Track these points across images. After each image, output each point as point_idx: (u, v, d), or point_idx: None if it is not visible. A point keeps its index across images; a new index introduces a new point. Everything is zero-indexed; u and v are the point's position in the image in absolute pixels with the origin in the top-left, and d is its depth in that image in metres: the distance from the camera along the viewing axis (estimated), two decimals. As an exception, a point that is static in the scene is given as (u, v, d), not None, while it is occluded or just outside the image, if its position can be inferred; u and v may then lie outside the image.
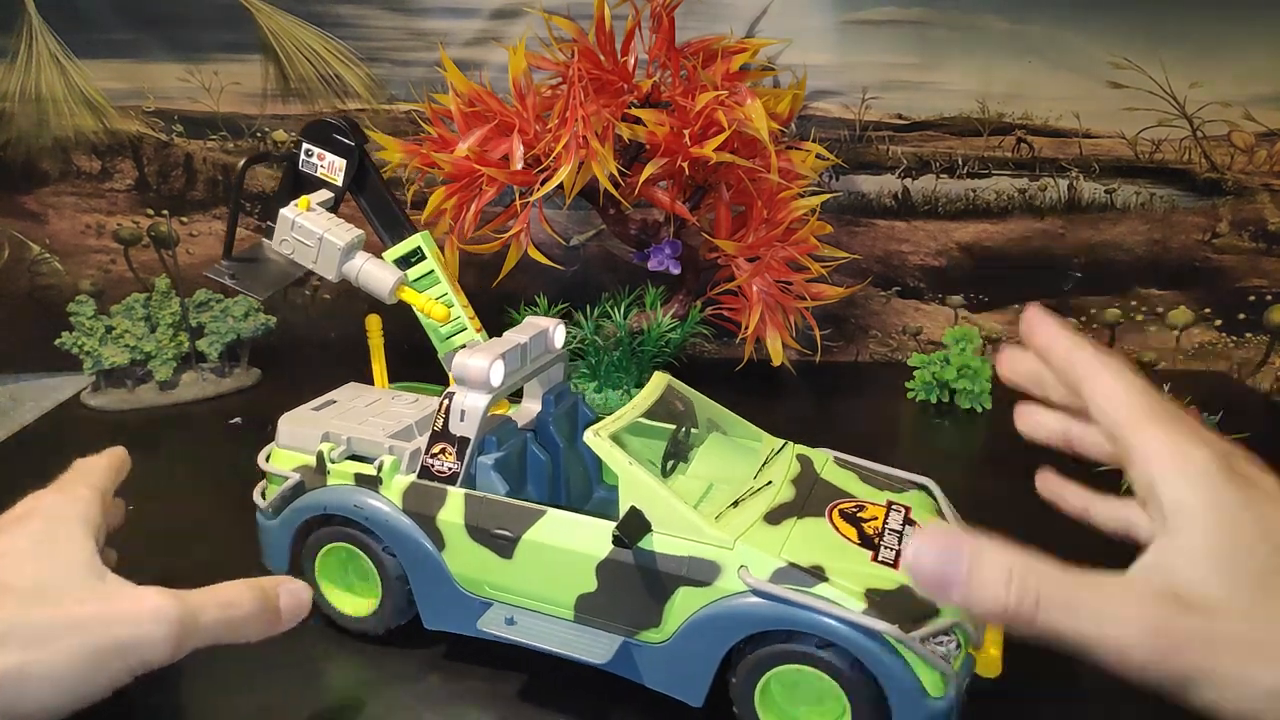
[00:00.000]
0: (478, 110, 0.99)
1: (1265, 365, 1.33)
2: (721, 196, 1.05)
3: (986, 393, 1.17)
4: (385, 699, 0.65)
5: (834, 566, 0.56)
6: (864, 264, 1.30)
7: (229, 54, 1.24)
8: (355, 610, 0.70)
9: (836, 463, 0.71)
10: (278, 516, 0.71)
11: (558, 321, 0.76)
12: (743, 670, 0.58)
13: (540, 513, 0.63)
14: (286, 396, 0.77)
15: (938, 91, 1.24)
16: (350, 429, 0.71)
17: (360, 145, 0.87)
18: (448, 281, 0.87)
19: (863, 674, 0.54)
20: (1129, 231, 1.29)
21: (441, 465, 0.66)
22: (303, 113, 1.26)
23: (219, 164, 1.30)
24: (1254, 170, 1.25)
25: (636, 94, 0.99)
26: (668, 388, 0.71)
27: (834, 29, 1.21)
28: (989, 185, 1.28)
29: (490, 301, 1.10)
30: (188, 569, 0.80)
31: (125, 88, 1.25)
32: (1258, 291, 1.30)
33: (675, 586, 0.58)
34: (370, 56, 1.24)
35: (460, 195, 0.98)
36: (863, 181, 1.28)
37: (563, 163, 0.92)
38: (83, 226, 1.32)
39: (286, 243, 0.84)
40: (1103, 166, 1.26)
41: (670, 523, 0.59)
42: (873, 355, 1.36)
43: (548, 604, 0.63)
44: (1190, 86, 1.21)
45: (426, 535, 0.66)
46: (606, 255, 1.31)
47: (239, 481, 0.77)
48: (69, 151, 1.28)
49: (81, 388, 1.19)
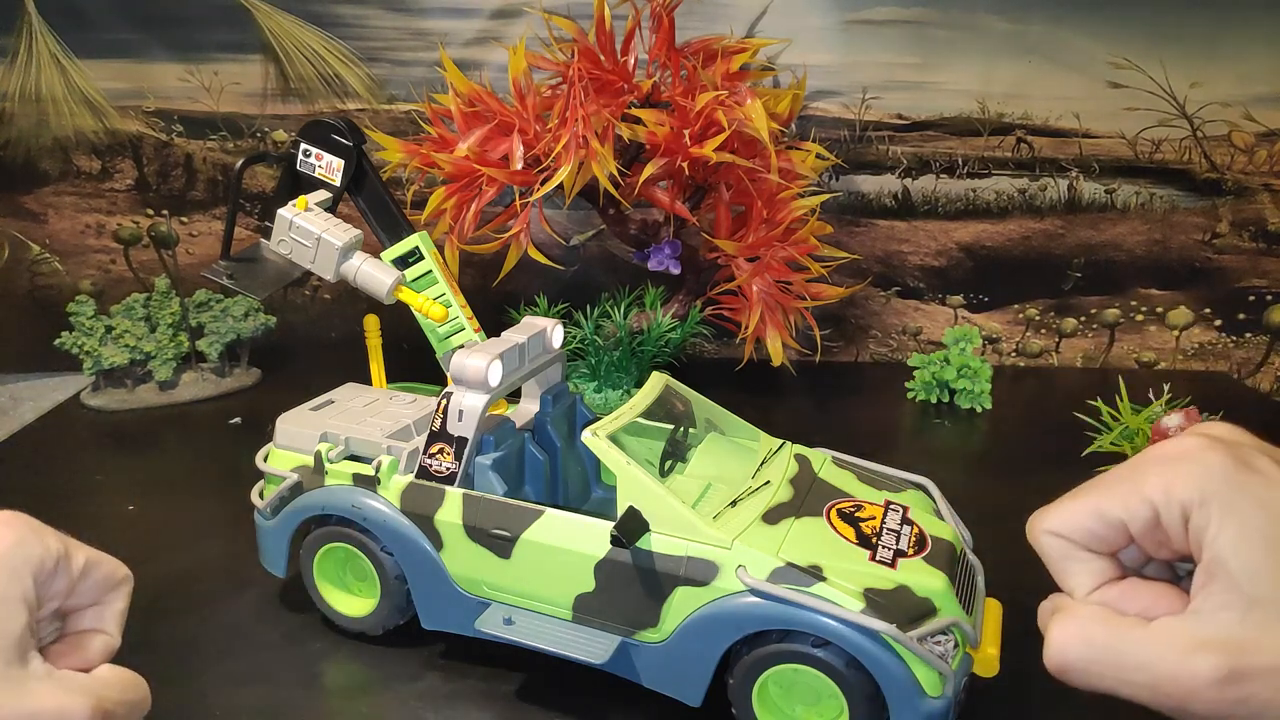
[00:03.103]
0: (478, 110, 0.99)
1: (1265, 365, 1.33)
2: (721, 196, 1.05)
3: (986, 393, 1.17)
4: (384, 699, 0.65)
5: (832, 566, 0.56)
6: (864, 264, 1.30)
7: (229, 54, 1.24)
8: (353, 610, 0.70)
9: (834, 462, 0.71)
10: (276, 517, 0.71)
11: (555, 321, 0.76)
12: (740, 670, 0.57)
13: (538, 513, 0.62)
14: (286, 396, 0.77)
15: (938, 91, 1.24)
16: (348, 429, 0.71)
17: (358, 145, 0.87)
18: (446, 281, 0.87)
19: (860, 673, 0.54)
20: (1129, 231, 1.29)
21: (439, 465, 0.66)
22: (303, 113, 1.26)
23: (219, 164, 1.30)
24: (1254, 170, 1.25)
25: (636, 94, 0.98)
26: (666, 388, 0.71)
27: (834, 29, 1.21)
28: (989, 185, 1.28)
29: (490, 301, 1.11)
30: (188, 569, 0.80)
31: (125, 88, 1.25)
32: (1258, 291, 1.30)
33: (673, 586, 0.58)
34: (370, 56, 1.24)
35: (460, 195, 0.98)
36: (863, 181, 1.28)
37: (563, 163, 0.92)
38: (83, 226, 1.32)
39: (284, 243, 0.84)
40: (1103, 166, 1.26)
41: (668, 522, 0.59)
42: (873, 355, 1.36)
43: (546, 604, 0.63)
44: (1190, 86, 1.21)
45: (424, 535, 0.66)
46: (606, 255, 1.31)
47: (239, 481, 0.77)
48: (69, 151, 1.28)
49: (81, 388, 1.19)
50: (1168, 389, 1.02)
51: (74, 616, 0.41)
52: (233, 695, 0.65)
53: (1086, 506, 0.35)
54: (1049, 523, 0.36)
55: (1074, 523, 0.35)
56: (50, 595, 0.39)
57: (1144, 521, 0.34)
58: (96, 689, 0.38)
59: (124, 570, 0.42)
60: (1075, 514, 0.35)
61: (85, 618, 0.41)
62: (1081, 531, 0.35)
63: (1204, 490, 0.32)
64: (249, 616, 0.74)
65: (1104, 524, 0.35)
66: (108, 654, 0.41)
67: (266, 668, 0.68)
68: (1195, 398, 1.01)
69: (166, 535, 0.86)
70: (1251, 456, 0.33)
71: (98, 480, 0.97)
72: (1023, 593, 0.42)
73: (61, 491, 0.94)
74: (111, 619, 0.41)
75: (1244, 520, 0.32)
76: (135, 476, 0.99)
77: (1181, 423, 0.89)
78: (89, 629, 0.41)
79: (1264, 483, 0.32)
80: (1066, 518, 0.36)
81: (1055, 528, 0.36)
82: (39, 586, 0.38)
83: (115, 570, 0.42)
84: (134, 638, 0.71)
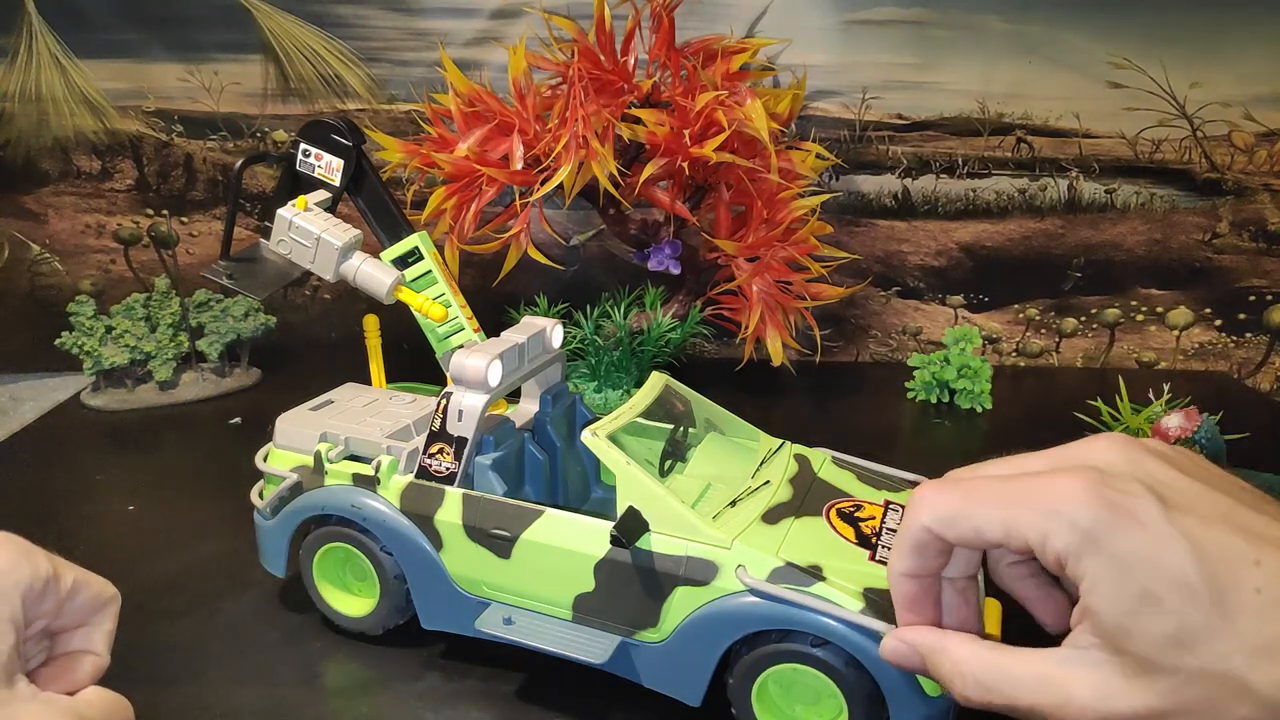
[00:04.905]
0: (478, 110, 0.99)
1: (1265, 365, 1.33)
2: (721, 196, 1.05)
3: (986, 393, 1.17)
4: (384, 699, 0.65)
5: (831, 566, 0.56)
6: (864, 264, 1.30)
7: (229, 54, 1.24)
8: (353, 610, 0.70)
9: (834, 462, 0.71)
10: (275, 517, 0.71)
11: (555, 321, 0.76)
12: (740, 670, 0.57)
13: (538, 513, 0.62)
14: (286, 396, 0.77)
15: (938, 91, 1.24)
16: (348, 429, 0.71)
17: (358, 145, 0.87)
18: (445, 281, 0.87)
19: (860, 673, 0.54)
20: (1129, 231, 1.29)
21: (439, 465, 0.66)
22: (303, 113, 1.26)
23: (219, 164, 1.30)
24: (1254, 170, 1.25)
25: (636, 94, 0.98)
26: (665, 388, 0.71)
27: (834, 29, 1.21)
28: (989, 185, 1.28)
29: (490, 301, 1.11)
30: (188, 569, 0.80)
31: (125, 88, 1.25)
32: (1258, 291, 1.30)
33: (673, 586, 0.58)
34: (370, 56, 1.24)
35: (460, 195, 0.98)
36: (863, 181, 1.28)
37: (563, 163, 0.92)
38: (83, 226, 1.32)
39: (284, 243, 0.84)
40: (1103, 166, 1.26)
41: (668, 522, 0.59)
42: (873, 355, 1.36)
43: (545, 604, 0.63)
44: (1190, 86, 1.21)
45: (424, 535, 0.66)
46: (606, 255, 1.31)
47: (239, 481, 0.77)
48: (69, 151, 1.28)
49: (81, 388, 1.19)
50: (1168, 389, 1.02)
51: (63, 637, 0.41)
52: (233, 695, 0.65)
53: (969, 521, 0.36)
54: (931, 512, 0.37)
55: (952, 527, 0.37)
56: (38, 615, 0.39)
57: (1017, 549, 0.36)
58: (80, 710, 0.38)
59: (111, 590, 0.43)
60: (956, 521, 0.37)
61: (74, 638, 0.41)
62: (954, 531, 0.37)
63: (1076, 545, 0.33)
64: (249, 616, 0.74)
65: (978, 540, 0.37)
66: (96, 674, 0.41)
67: (266, 668, 0.68)
68: (1195, 398, 1.01)
69: (166, 535, 0.86)
70: (1125, 498, 0.33)
71: (98, 480, 0.97)
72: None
73: (61, 491, 0.94)
74: (100, 639, 0.42)
75: (1114, 579, 0.32)
76: (135, 476, 0.99)
77: (1182, 423, 0.89)
78: (77, 650, 0.41)
79: (1139, 532, 0.32)
80: (944, 515, 0.37)
81: (931, 522, 0.37)
82: (27, 607, 0.38)
83: (103, 590, 0.42)
84: (134, 638, 0.71)
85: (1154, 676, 0.32)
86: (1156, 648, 0.31)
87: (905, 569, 0.39)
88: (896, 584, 0.40)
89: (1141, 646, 0.32)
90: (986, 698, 0.36)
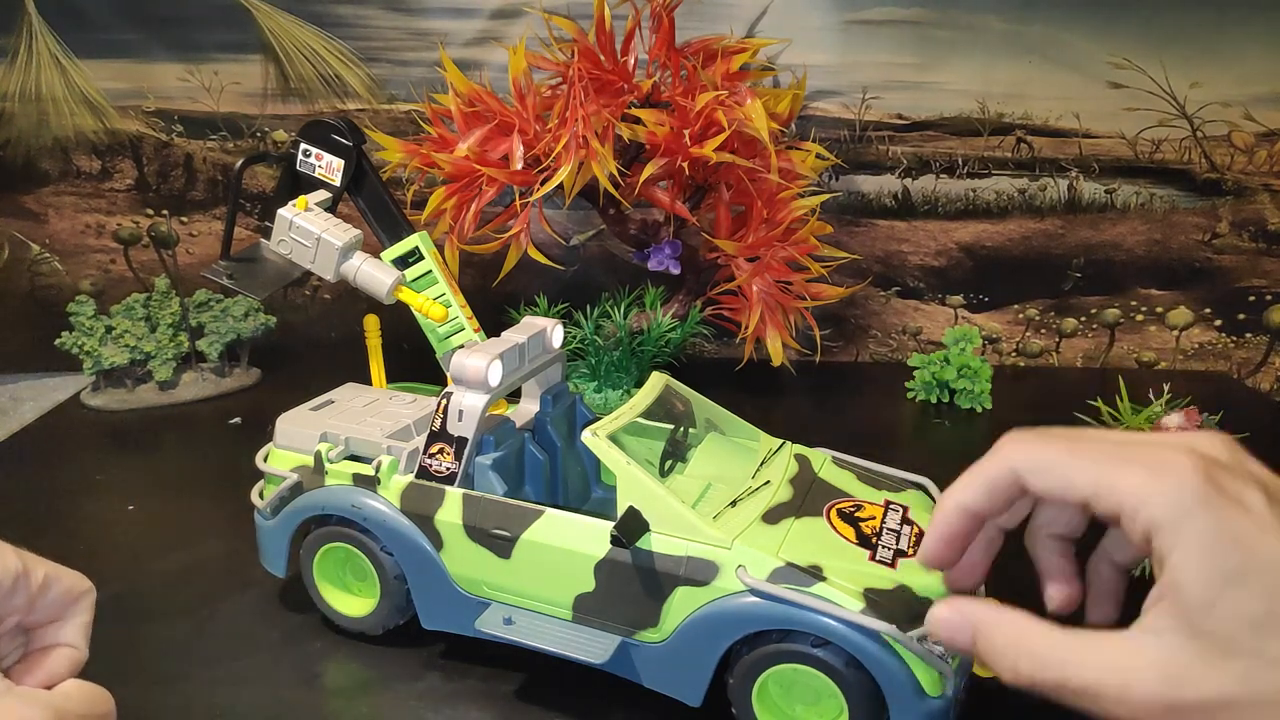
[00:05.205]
0: (478, 110, 0.99)
1: (1265, 365, 1.33)
2: (721, 196, 1.05)
3: (986, 393, 1.17)
4: (384, 699, 0.65)
5: (831, 566, 0.56)
6: (864, 264, 1.30)
7: (229, 54, 1.24)
8: (353, 610, 0.70)
9: (834, 462, 0.71)
10: (275, 517, 0.71)
11: (555, 321, 0.76)
12: (740, 670, 0.57)
13: (538, 513, 0.62)
14: (286, 396, 0.77)
15: (938, 91, 1.24)
16: (348, 429, 0.71)
17: (358, 145, 0.87)
18: (446, 281, 0.87)
19: (860, 673, 0.54)
20: (1129, 231, 1.29)
21: (439, 465, 0.66)
22: (303, 113, 1.26)
23: (219, 164, 1.30)
24: (1254, 170, 1.25)
25: (636, 94, 0.98)
26: (666, 388, 0.71)
27: (834, 29, 1.21)
28: (989, 185, 1.28)
29: (490, 301, 1.11)
30: (188, 569, 0.80)
31: (125, 88, 1.25)
32: (1258, 291, 1.30)
33: (673, 586, 0.58)
34: (370, 56, 1.24)
35: (460, 195, 0.98)
36: (863, 181, 1.28)
37: (563, 163, 0.92)
38: (83, 226, 1.32)
39: (284, 243, 0.84)
40: (1103, 166, 1.26)
41: (668, 522, 0.59)
42: (873, 355, 1.36)
43: (546, 604, 0.63)
44: (1190, 86, 1.21)
45: (424, 535, 0.66)
46: (606, 255, 1.31)
47: (239, 481, 0.77)
48: (69, 151, 1.28)
49: (81, 388, 1.19)
50: (1168, 389, 1.02)
51: (38, 633, 0.41)
52: (233, 695, 0.65)
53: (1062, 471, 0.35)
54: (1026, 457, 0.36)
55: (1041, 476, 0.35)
56: (10, 611, 0.39)
57: (1103, 511, 0.34)
58: (58, 703, 0.38)
59: (86, 583, 0.42)
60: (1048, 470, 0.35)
61: (49, 633, 0.41)
62: (1041, 480, 0.35)
63: (1174, 513, 0.32)
64: (249, 616, 0.74)
65: (1064, 493, 0.35)
66: (74, 668, 0.41)
67: (266, 668, 0.68)
68: (1195, 398, 1.01)
69: (166, 535, 0.86)
70: (1231, 482, 0.32)
71: (98, 480, 0.97)
72: (1022, 592, 0.42)
73: (61, 491, 0.94)
74: (75, 632, 0.41)
75: (1209, 552, 0.31)
76: (135, 476, 0.99)
77: (1182, 423, 0.89)
78: (53, 644, 0.41)
79: (1238, 513, 0.32)
80: (1038, 462, 0.35)
81: (1021, 466, 0.36)
82: None
83: (76, 584, 0.41)
84: (134, 638, 0.71)
85: (1232, 660, 0.31)
86: (1241, 626, 0.30)
87: (969, 501, 0.38)
88: (947, 514, 0.38)
89: (1225, 624, 0.31)
90: (1041, 674, 0.34)
